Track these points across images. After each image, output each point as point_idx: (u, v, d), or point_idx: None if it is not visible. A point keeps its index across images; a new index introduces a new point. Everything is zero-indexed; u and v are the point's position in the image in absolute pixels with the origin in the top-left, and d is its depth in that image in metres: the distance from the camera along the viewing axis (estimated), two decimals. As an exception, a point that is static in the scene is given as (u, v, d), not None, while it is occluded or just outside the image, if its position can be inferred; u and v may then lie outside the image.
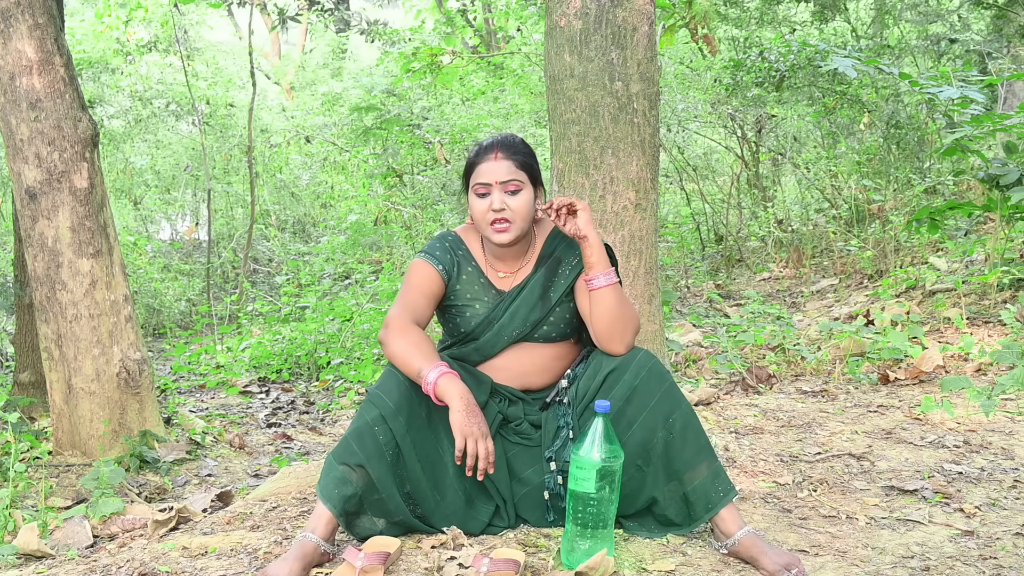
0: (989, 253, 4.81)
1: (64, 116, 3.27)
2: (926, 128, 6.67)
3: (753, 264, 7.73)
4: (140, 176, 11.58)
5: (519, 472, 2.09)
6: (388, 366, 2.04)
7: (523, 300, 2.12)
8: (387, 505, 1.96)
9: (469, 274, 2.15)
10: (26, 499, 2.90)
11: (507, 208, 2.04)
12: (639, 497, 2.03)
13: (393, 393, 1.97)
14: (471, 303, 2.14)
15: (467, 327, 2.14)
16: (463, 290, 2.15)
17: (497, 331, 2.12)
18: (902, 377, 3.74)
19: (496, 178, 2.04)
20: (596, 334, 2.05)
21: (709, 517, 1.99)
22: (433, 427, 2.01)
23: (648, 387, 1.99)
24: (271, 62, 18.20)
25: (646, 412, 1.98)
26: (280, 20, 15.43)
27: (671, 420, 1.98)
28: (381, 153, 8.89)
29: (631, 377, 1.99)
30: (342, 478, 1.92)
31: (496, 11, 11.11)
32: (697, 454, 1.99)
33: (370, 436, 1.94)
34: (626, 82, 2.91)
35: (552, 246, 2.16)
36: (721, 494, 1.98)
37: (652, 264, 3.02)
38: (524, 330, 2.12)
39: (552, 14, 2.97)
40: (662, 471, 2.00)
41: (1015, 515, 2.24)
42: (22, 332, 4.16)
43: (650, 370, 2.00)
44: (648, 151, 2.97)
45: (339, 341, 5.61)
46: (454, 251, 2.17)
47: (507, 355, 2.14)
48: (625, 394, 1.99)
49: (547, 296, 2.12)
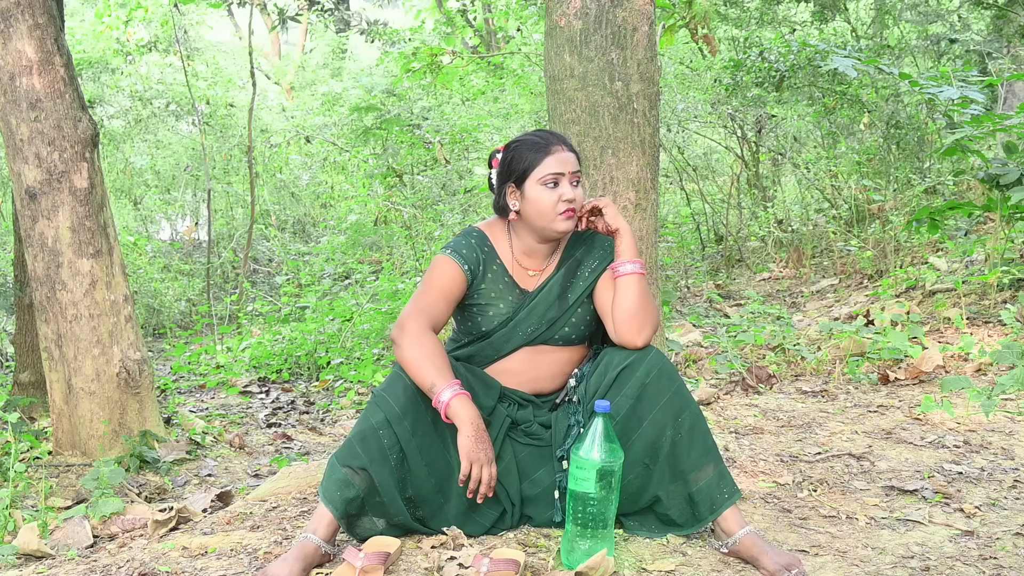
0: (989, 253, 4.81)
1: (64, 116, 3.27)
2: (926, 128, 6.67)
3: (753, 264, 7.72)
4: (140, 176, 11.58)
5: (530, 473, 2.08)
6: (396, 368, 2.03)
7: (541, 299, 2.12)
8: (387, 508, 1.96)
9: (494, 272, 2.13)
10: (26, 499, 2.90)
11: (576, 198, 2.06)
12: (643, 496, 2.03)
13: (400, 397, 1.96)
14: (495, 302, 2.12)
15: (489, 326, 2.11)
16: (488, 289, 2.12)
17: (512, 328, 2.11)
18: (902, 377, 3.74)
19: (568, 168, 2.05)
20: (616, 325, 2.04)
21: (713, 519, 1.99)
22: (439, 431, 2.00)
23: (659, 386, 1.99)
24: (271, 62, 18.20)
25: (656, 410, 1.98)
26: (280, 20, 15.43)
27: (680, 419, 1.98)
28: (381, 153, 8.88)
29: (643, 374, 1.99)
30: (345, 481, 1.92)
31: (496, 11, 11.10)
32: (704, 455, 1.99)
33: (374, 440, 1.93)
34: (626, 82, 2.91)
35: (574, 248, 2.16)
36: (726, 496, 1.98)
37: (652, 264, 3.02)
38: (539, 329, 2.11)
39: (552, 14, 2.97)
40: (668, 470, 2.00)
41: (1015, 515, 2.24)
42: (22, 332, 4.16)
43: (661, 369, 2.00)
44: (648, 151, 2.97)
45: (339, 341, 5.61)
46: (480, 248, 2.13)
47: (520, 357, 2.13)
48: (636, 391, 1.99)
49: (564, 296, 2.12)
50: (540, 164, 2.04)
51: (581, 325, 2.13)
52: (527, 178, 2.05)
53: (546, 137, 2.07)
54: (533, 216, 2.06)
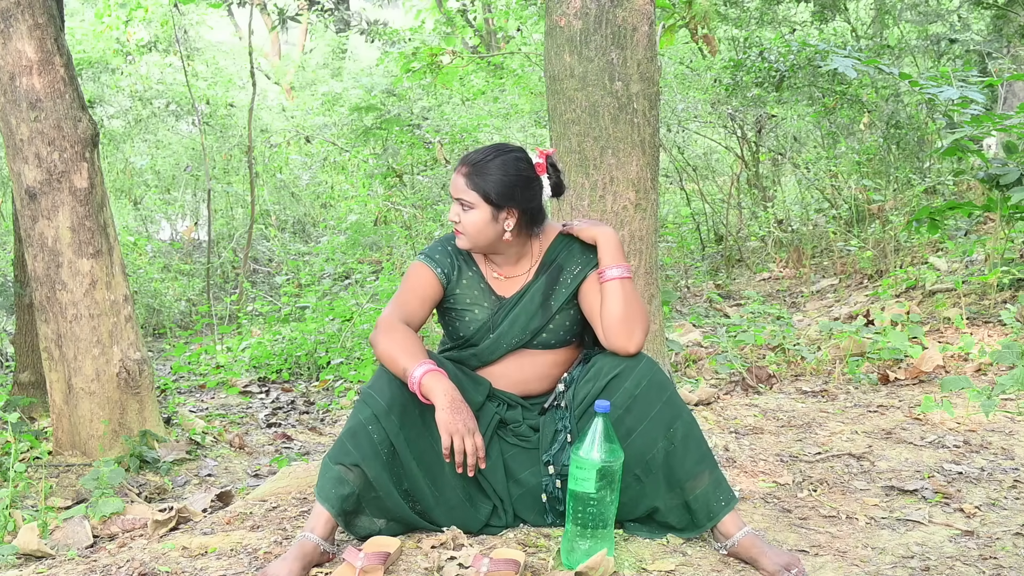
0: (989, 253, 4.81)
1: (64, 116, 3.27)
2: (926, 128, 6.67)
3: (753, 264, 7.72)
4: (140, 176, 11.57)
5: (516, 473, 2.08)
6: (380, 365, 2.04)
7: (523, 308, 2.11)
8: (385, 503, 1.97)
9: (470, 278, 2.15)
10: (26, 499, 2.90)
11: (461, 220, 2.06)
12: (639, 505, 2.03)
13: (385, 392, 1.98)
14: (471, 307, 2.13)
15: (466, 331, 2.13)
16: (463, 294, 2.14)
17: (496, 339, 2.11)
18: (902, 377, 3.74)
19: (454, 193, 2.07)
20: (605, 330, 2.03)
21: (711, 526, 1.99)
22: (427, 424, 2.00)
23: (648, 397, 1.98)
24: (271, 62, 18.19)
25: (646, 422, 1.97)
26: (280, 20, 15.41)
27: (672, 430, 1.97)
28: (381, 153, 8.88)
29: (632, 385, 1.98)
30: (338, 478, 1.93)
31: (496, 11, 11.10)
32: (698, 463, 1.98)
33: (364, 435, 1.94)
34: (626, 82, 2.91)
35: (554, 254, 2.15)
36: (723, 503, 1.98)
37: (652, 264, 3.02)
38: (524, 338, 2.11)
39: (552, 14, 2.97)
40: (663, 481, 1.99)
41: (1015, 515, 2.24)
42: (22, 332, 4.16)
43: (651, 380, 1.99)
44: (648, 151, 2.97)
45: (339, 341, 5.61)
46: (455, 255, 2.16)
47: (506, 362, 2.14)
48: (625, 402, 1.98)
49: (547, 304, 2.11)
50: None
51: (560, 331, 2.13)
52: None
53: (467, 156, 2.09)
54: None
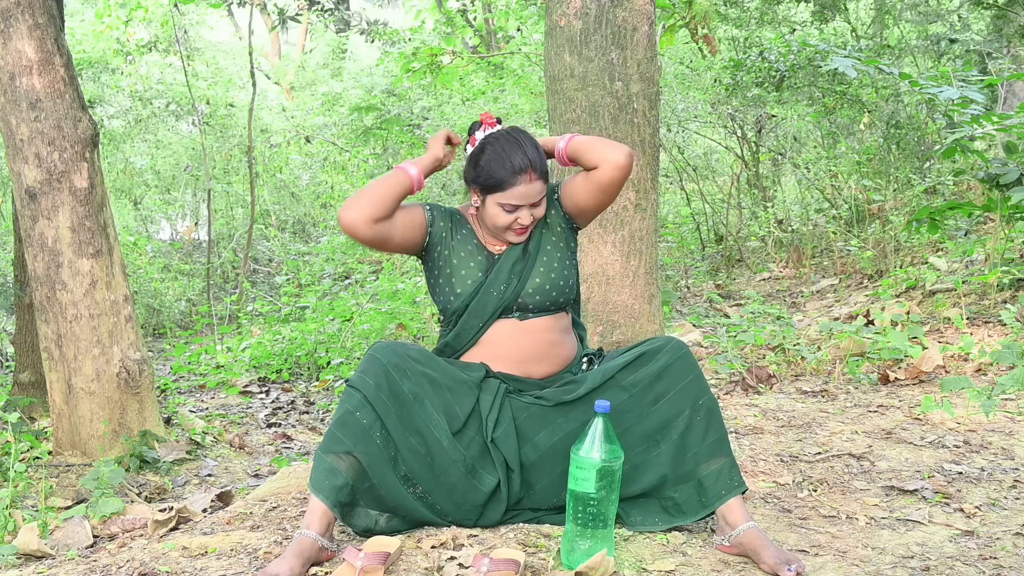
0: (989, 253, 4.81)
1: (64, 116, 3.27)
2: (926, 128, 6.67)
3: (753, 264, 7.72)
4: (140, 176, 11.58)
5: (531, 436, 2.06)
6: (367, 352, 2.05)
7: (507, 256, 2.15)
8: (380, 492, 1.96)
9: (463, 236, 2.20)
10: (26, 499, 2.91)
11: (532, 219, 2.11)
12: (648, 473, 2.03)
13: (371, 372, 1.98)
14: (465, 261, 2.16)
15: (462, 287, 2.14)
16: (458, 248, 2.18)
17: (485, 291, 2.12)
18: (902, 377, 3.74)
19: (529, 200, 2.09)
20: (596, 164, 2.09)
21: (721, 504, 1.99)
22: (419, 401, 2.00)
23: (681, 368, 2.03)
24: (271, 62, 18.20)
25: (676, 390, 2.02)
26: (280, 20, 15.40)
27: (699, 403, 2.02)
28: (381, 153, 8.89)
29: (667, 356, 2.03)
30: (331, 468, 1.93)
31: (496, 11, 11.10)
32: (717, 443, 2.03)
33: (353, 422, 1.95)
34: (626, 82, 2.92)
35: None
36: (735, 484, 2.01)
37: (652, 264, 3.02)
38: (511, 286, 2.12)
39: (552, 14, 2.97)
40: (676, 450, 2.02)
41: (1015, 515, 2.24)
42: (22, 332, 4.16)
43: (684, 355, 2.04)
44: (648, 151, 2.97)
45: (339, 341, 5.61)
46: (451, 216, 2.22)
47: (499, 331, 2.13)
48: (657, 370, 2.02)
49: (526, 248, 2.16)
50: (505, 191, 2.08)
51: (547, 284, 2.13)
52: (490, 193, 2.10)
53: (519, 163, 2.06)
54: (487, 221, 2.14)
